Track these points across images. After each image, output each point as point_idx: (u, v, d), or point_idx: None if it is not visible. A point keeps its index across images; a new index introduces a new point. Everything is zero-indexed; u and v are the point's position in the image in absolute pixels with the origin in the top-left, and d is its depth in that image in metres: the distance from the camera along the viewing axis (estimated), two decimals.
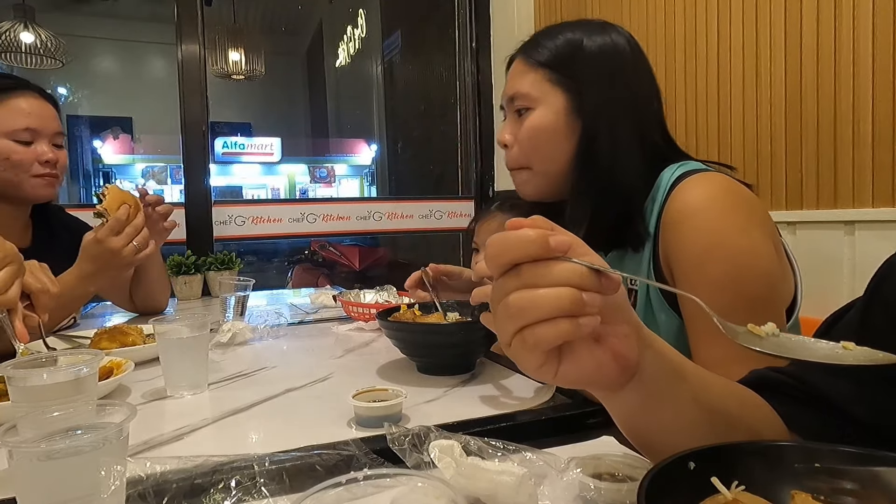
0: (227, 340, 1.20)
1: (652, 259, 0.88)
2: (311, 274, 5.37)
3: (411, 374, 0.97)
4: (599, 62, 0.92)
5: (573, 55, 0.93)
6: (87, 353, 0.71)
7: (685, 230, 0.82)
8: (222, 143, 9.96)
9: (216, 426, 0.76)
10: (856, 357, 0.40)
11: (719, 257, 0.79)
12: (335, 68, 8.90)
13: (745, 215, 0.82)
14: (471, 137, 2.90)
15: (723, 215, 0.81)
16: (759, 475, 0.43)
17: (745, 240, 0.80)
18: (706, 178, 0.86)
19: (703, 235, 0.80)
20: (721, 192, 0.83)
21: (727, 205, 0.82)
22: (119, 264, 1.26)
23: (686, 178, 0.86)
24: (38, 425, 0.50)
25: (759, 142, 1.55)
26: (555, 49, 0.94)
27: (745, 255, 0.79)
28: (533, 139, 0.94)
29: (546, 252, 0.41)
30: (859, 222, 1.33)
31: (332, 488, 0.39)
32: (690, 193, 0.83)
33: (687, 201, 0.83)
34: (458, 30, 2.93)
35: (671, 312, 0.87)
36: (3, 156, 1.30)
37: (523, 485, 0.49)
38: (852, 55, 1.33)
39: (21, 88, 1.36)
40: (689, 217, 0.82)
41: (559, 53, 0.94)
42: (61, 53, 3.66)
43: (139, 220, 1.27)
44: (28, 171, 1.33)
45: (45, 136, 1.36)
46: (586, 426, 0.74)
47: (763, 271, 0.80)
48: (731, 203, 0.82)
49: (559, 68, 0.93)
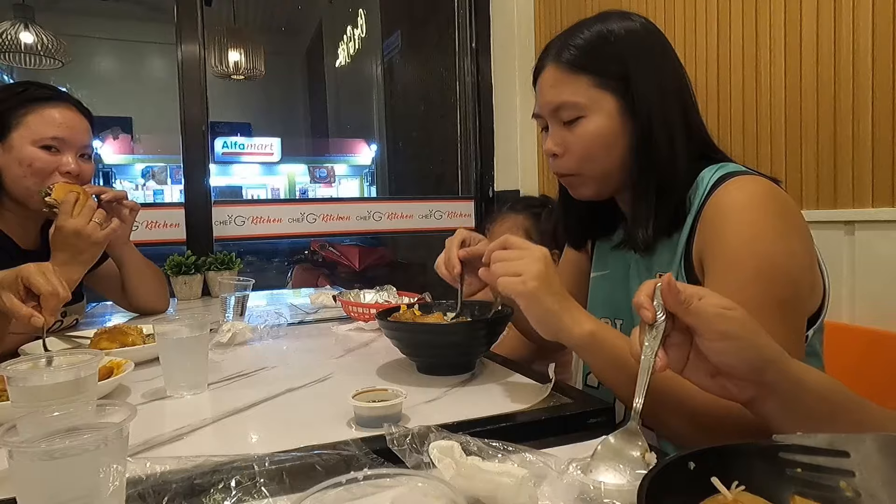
0: (227, 340, 1.20)
1: (684, 254, 0.88)
2: (311, 274, 5.37)
3: (411, 374, 0.97)
4: (639, 53, 0.90)
5: (609, 50, 0.90)
6: (87, 353, 0.71)
7: (725, 225, 0.82)
8: (222, 143, 9.96)
9: (216, 426, 0.76)
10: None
11: (754, 254, 0.79)
12: (335, 68, 8.91)
13: (785, 221, 0.82)
14: (471, 137, 2.90)
15: (764, 216, 0.81)
16: (759, 475, 0.43)
17: (781, 243, 0.80)
18: (752, 180, 0.85)
19: (742, 231, 0.80)
20: (765, 195, 0.83)
21: (770, 208, 0.82)
22: (88, 244, 1.24)
23: (728, 178, 0.85)
24: (38, 425, 0.50)
25: (759, 142, 1.55)
26: (588, 47, 0.91)
27: (779, 257, 0.79)
28: (588, 147, 0.91)
29: None
30: (859, 222, 1.33)
31: (332, 488, 0.39)
32: (735, 192, 0.83)
33: (731, 199, 0.83)
34: (458, 30, 2.93)
35: None
36: (26, 162, 1.30)
37: (523, 486, 0.49)
38: (852, 55, 1.33)
39: (57, 99, 1.36)
40: (731, 213, 0.82)
41: (594, 51, 0.90)
42: (61, 53, 3.66)
43: (91, 201, 1.28)
44: (48, 180, 1.33)
45: (72, 147, 1.35)
46: (586, 426, 0.74)
47: (793, 278, 0.80)
48: (773, 207, 0.82)
49: (599, 68, 0.90)
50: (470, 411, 0.77)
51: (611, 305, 1.04)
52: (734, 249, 0.80)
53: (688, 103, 0.93)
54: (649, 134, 0.89)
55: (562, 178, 0.98)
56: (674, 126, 0.89)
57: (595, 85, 0.90)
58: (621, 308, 1.01)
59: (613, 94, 0.90)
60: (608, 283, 1.06)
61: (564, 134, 0.93)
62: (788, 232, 0.81)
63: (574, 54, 0.91)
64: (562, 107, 0.92)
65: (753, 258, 0.79)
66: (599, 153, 0.91)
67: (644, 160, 0.89)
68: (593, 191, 0.96)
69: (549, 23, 2.52)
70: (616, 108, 0.90)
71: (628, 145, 0.90)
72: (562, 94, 0.91)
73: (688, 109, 0.92)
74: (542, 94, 0.96)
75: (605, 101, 0.90)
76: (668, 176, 0.89)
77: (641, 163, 0.90)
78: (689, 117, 0.92)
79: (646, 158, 0.89)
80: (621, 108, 0.90)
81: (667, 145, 0.89)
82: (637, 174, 0.91)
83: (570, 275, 1.17)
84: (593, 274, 1.12)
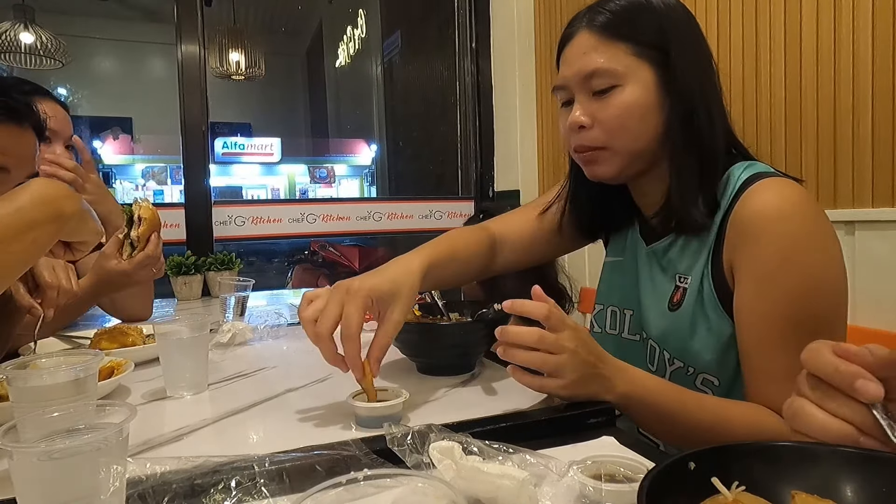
0: (227, 341, 1.20)
1: (712, 257, 0.84)
2: (311, 274, 5.36)
3: (411, 374, 0.97)
4: (679, 26, 0.85)
5: (648, 18, 0.85)
6: (87, 353, 0.71)
7: (763, 237, 0.77)
8: (222, 143, 9.96)
9: (216, 426, 0.76)
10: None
11: (794, 269, 0.76)
12: (335, 68, 8.90)
13: (822, 230, 0.79)
14: (471, 137, 2.90)
15: (803, 227, 0.77)
16: (759, 475, 0.43)
17: (821, 255, 0.77)
18: (784, 184, 0.80)
19: (782, 245, 0.76)
20: (802, 203, 0.79)
21: (808, 217, 0.78)
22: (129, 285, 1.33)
23: (757, 179, 0.81)
24: (38, 425, 0.50)
25: (759, 142, 1.55)
26: (628, 16, 0.85)
27: (820, 269, 0.77)
28: (623, 118, 0.84)
29: None
30: (859, 222, 1.33)
31: (332, 488, 0.39)
32: (769, 199, 0.79)
33: (766, 206, 0.78)
34: (458, 30, 2.93)
35: (723, 314, 0.83)
36: None
37: (524, 488, 0.49)
38: (852, 55, 1.33)
39: (39, 94, 1.38)
40: (768, 224, 0.77)
41: (633, 19, 0.84)
42: (61, 54, 3.66)
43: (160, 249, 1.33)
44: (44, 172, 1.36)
45: (61, 138, 1.41)
46: (586, 426, 0.74)
47: (833, 289, 0.78)
48: (811, 216, 0.78)
49: (637, 37, 0.84)
50: (470, 411, 0.77)
51: (622, 294, 1.01)
52: (773, 265, 0.76)
53: (719, 86, 0.89)
54: (692, 109, 0.84)
55: (584, 155, 0.90)
56: (713, 105, 0.86)
57: (633, 53, 0.84)
58: (631, 298, 0.98)
59: (652, 65, 0.84)
60: (621, 271, 1.03)
61: (595, 105, 0.86)
62: (825, 242, 0.78)
63: (610, 19, 0.85)
64: (595, 74, 0.85)
65: (791, 275, 0.76)
66: (633, 126, 0.85)
67: (687, 135, 0.84)
68: (616, 169, 0.89)
69: (549, 23, 2.52)
70: (654, 80, 0.84)
71: (663, 121, 0.85)
72: (596, 61, 0.84)
73: (720, 92, 0.89)
74: (571, 62, 0.88)
75: (643, 70, 0.84)
76: (710, 154, 0.85)
77: (686, 137, 0.84)
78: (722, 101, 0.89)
79: (689, 133, 0.84)
80: (659, 81, 0.84)
81: (707, 124, 0.85)
82: (682, 149, 0.85)
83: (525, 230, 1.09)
84: (608, 258, 1.08)
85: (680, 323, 0.87)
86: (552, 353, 0.72)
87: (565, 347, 0.72)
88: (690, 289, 0.87)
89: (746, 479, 0.42)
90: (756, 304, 0.78)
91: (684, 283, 0.88)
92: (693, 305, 0.86)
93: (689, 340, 0.86)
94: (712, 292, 0.84)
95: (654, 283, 0.94)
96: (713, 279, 0.84)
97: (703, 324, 0.85)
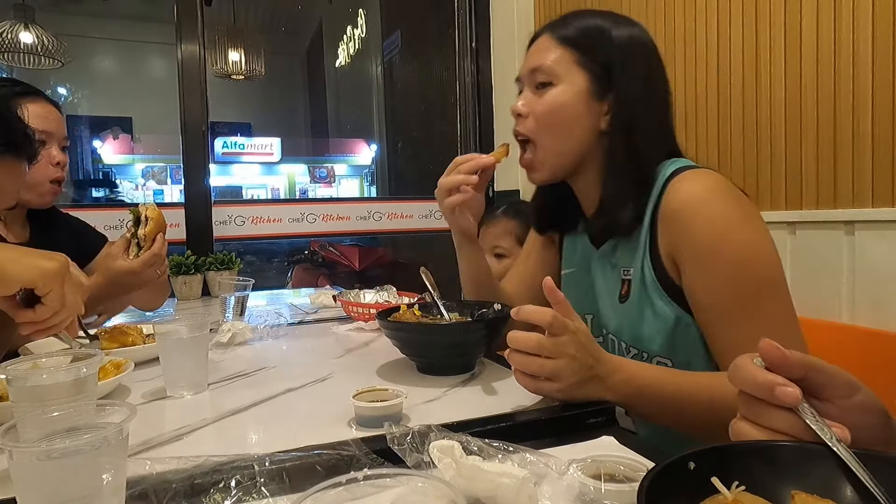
0: (227, 340, 1.20)
1: (649, 249, 0.91)
2: (310, 274, 5.36)
3: (411, 374, 0.97)
4: (630, 52, 0.95)
5: (601, 41, 0.95)
6: (87, 353, 0.71)
7: (693, 221, 0.85)
8: (222, 143, 9.95)
9: (216, 426, 0.76)
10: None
11: (728, 245, 0.83)
12: (335, 68, 8.90)
13: (743, 208, 0.87)
14: (471, 137, 2.89)
15: (727, 207, 0.85)
16: (759, 475, 0.43)
17: (749, 226, 0.85)
18: (704, 173, 0.90)
19: (712, 225, 0.84)
20: (721, 186, 0.88)
21: (729, 198, 0.86)
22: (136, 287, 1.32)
23: (679, 173, 0.90)
24: (38, 425, 0.50)
25: (759, 142, 1.55)
26: (584, 31, 0.96)
27: (752, 242, 0.84)
28: (551, 114, 0.96)
29: None
30: (859, 222, 1.33)
31: (332, 488, 0.39)
32: (693, 186, 0.87)
33: (691, 194, 0.87)
34: (458, 30, 2.93)
35: (667, 299, 0.90)
36: None
37: (524, 487, 0.49)
38: (852, 55, 1.33)
39: (32, 94, 1.39)
40: (696, 208, 0.85)
41: (588, 36, 0.96)
42: (61, 53, 3.67)
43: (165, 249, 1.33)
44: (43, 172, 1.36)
45: (56, 139, 1.41)
46: (586, 426, 0.74)
47: (767, 258, 0.85)
48: (732, 197, 0.87)
49: (586, 50, 0.95)
50: (470, 411, 0.77)
51: (581, 302, 1.05)
52: (708, 245, 0.84)
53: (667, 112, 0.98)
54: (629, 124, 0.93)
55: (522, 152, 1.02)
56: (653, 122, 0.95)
57: (575, 61, 0.95)
58: (590, 303, 1.05)
59: (589, 75, 0.94)
60: (576, 281, 1.10)
61: (534, 98, 0.98)
62: (749, 218, 0.86)
63: (570, 31, 0.97)
64: (538, 70, 0.96)
65: (731, 247, 0.83)
66: (560, 124, 0.96)
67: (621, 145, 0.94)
68: (547, 173, 1.00)
69: None
70: (586, 89, 0.94)
71: (592, 128, 0.95)
72: (541, 59, 0.96)
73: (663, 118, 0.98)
74: (528, 58, 1.00)
75: (579, 77, 0.95)
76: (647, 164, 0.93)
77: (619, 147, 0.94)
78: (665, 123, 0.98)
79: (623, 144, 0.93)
80: (591, 91, 0.94)
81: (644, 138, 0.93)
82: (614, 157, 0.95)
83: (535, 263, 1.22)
84: (564, 271, 1.15)
85: (629, 312, 0.95)
86: (551, 357, 0.74)
87: (564, 353, 0.74)
88: (634, 279, 0.94)
89: (746, 479, 0.42)
90: (701, 280, 0.86)
91: (628, 275, 0.95)
92: (638, 293, 0.93)
93: (640, 327, 0.93)
94: (654, 279, 0.91)
95: (606, 282, 1.01)
96: (654, 268, 0.90)
97: (649, 309, 0.91)
